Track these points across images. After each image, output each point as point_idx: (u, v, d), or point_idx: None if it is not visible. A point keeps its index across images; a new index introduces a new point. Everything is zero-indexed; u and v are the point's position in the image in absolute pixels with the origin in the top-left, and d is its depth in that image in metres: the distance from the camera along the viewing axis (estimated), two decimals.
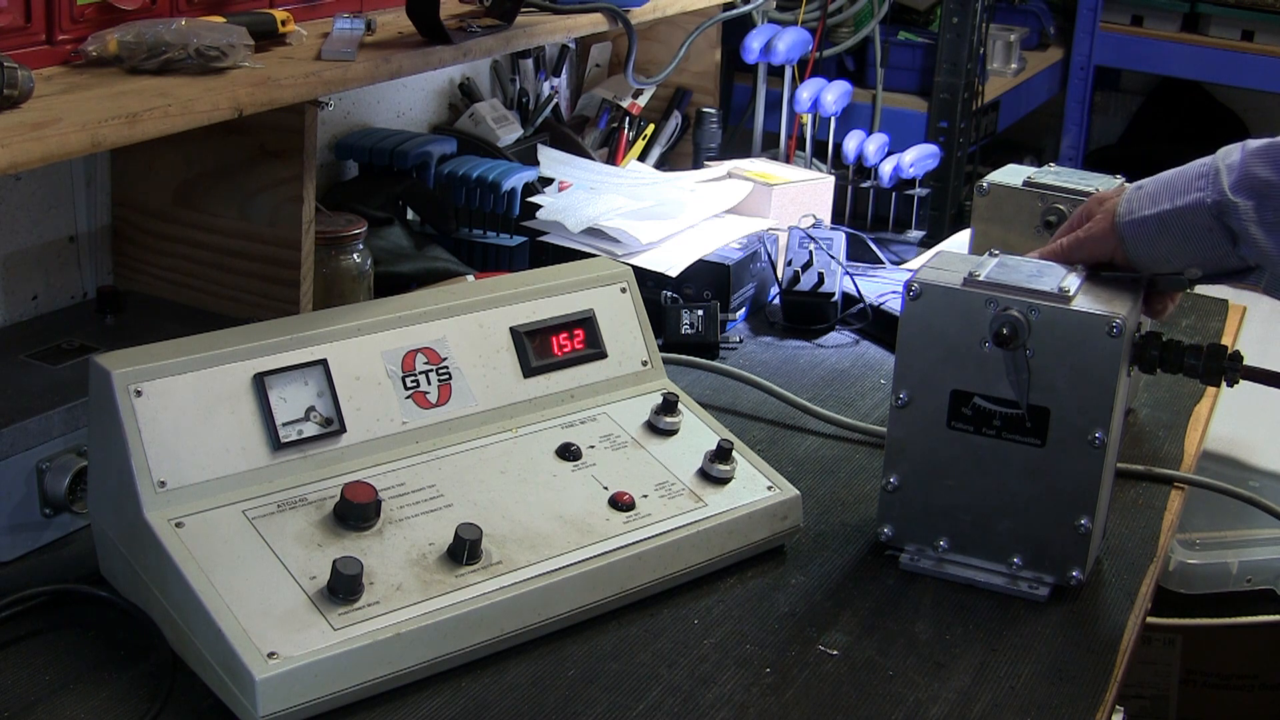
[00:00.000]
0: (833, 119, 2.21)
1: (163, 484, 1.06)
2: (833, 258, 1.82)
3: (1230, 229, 1.15)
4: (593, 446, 1.26)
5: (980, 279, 1.21)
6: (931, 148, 2.24)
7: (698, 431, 1.31)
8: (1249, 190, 1.14)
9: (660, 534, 1.19)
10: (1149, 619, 1.33)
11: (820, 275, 1.80)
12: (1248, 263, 1.18)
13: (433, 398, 1.21)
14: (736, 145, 2.32)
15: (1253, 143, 1.17)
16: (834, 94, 2.19)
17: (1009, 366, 1.19)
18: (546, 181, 1.93)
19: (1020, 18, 3.14)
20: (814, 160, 2.24)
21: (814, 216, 1.94)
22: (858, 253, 2.00)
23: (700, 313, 1.70)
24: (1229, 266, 1.18)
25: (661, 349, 1.48)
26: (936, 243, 2.07)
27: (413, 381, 1.20)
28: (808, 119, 2.23)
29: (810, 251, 1.82)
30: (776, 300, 1.86)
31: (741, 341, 1.77)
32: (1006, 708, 1.09)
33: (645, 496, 1.22)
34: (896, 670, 1.13)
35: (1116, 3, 3.26)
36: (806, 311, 1.81)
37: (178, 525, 1.05)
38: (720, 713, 1.06)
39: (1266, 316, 2.61)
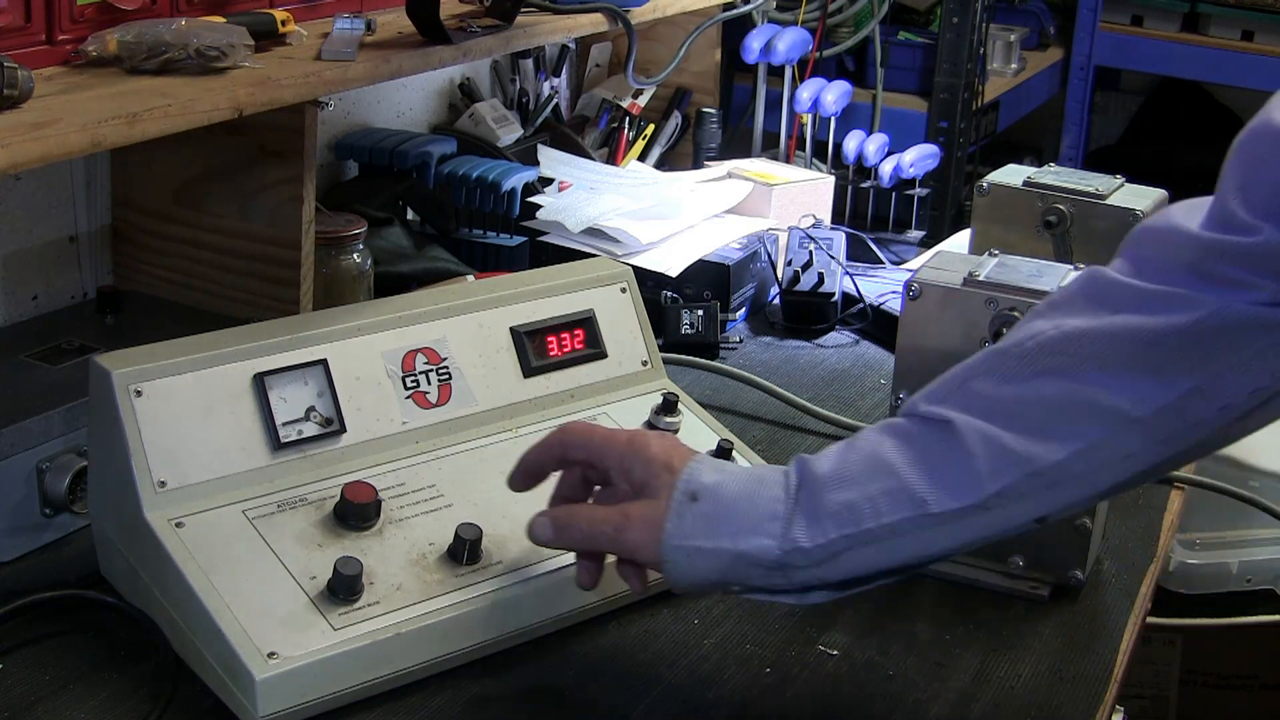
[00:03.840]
0: (833, 119, 2.21)
1: (163, 484, 1.06)
2: (833, 258, 1.82)
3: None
4: None
5: (980, 279, 1.21)
6: (931, 148, 2.24)
7: (698, 431, 1.31)
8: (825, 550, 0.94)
9: None
10: (1149, 619, 1.32)
11: (820, 275, 1.80)
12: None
13: (433, 398, 1.21)
14: (736, 145, 2.32)
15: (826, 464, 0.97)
16: (834, 94, 2.19)
17: None
18: (546, 181, 1.93)
19: (1020, 18, 3.14)
20: (814, 160, 2.24)
21: (814, 216, 1.94)
22: (858, 253, 2.00)
23: (700, 313, 1.70)
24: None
25: (661, 349, 1.48)
26: (936, 243, 2.07)
27: (413, 381, 1.20)
28: (808, 119, 2.23)
29: (810, 251, 1.82)
30: (776, 300, 1.86)
31: (741, 341, 1.77)
32: (1006, 708, 1.09)
33: None
34: (896, 670, 1.13)
35: (1116, 3, 3.26)
36: (806, 311, 1.81)
37: (178, 525, 1.05)
38: (720, 713, 1.06)
39: None
